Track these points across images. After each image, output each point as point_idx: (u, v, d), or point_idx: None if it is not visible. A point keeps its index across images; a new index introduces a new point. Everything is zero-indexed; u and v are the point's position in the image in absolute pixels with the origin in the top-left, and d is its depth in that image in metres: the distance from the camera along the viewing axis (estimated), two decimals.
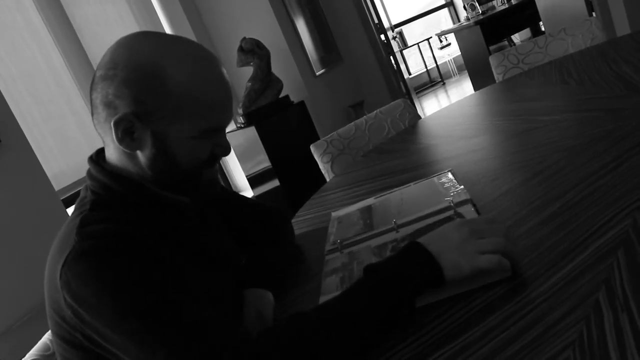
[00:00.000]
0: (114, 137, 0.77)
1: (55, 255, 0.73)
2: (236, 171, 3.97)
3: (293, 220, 1.28)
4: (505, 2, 5.88)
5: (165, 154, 0.79)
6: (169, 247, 0.78)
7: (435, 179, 1.19)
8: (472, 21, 5.32)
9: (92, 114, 0.81)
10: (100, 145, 0.88)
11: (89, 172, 0.84)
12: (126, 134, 0.77)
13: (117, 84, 0.75)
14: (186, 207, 0.86)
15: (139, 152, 0.80)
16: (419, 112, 5.11)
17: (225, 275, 0.89)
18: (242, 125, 3.34)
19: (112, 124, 0.76)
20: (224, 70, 0.81)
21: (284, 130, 3.35)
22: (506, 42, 6.73)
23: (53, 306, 0.73)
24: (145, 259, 0.71)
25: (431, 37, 7.85)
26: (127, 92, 0.75)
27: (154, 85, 0.75)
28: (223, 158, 1.00)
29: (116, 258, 0.69)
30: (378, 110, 2.01)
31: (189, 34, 3.76)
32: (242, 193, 1.16)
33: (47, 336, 0.98)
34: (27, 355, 0.95)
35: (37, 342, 0.98)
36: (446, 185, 1.12)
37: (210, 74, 0.79)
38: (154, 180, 0.82)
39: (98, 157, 0.86)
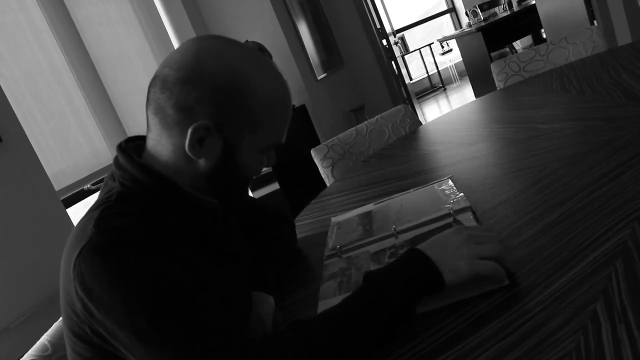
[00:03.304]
0: (187, 142, 0.76)
1: (71, 245, 0.72)
2: None
3: None
4: (507, 9, 5.90)
5: (231, 164, 0.80)
6: (189, 245, 0.77)
7: (435, 185, 1.19)
8: (473, 27, 5.33)
9: (155, 114, 0.79)
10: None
11: (116, 161, 0.81)
12: (198, 141, 0.77)
13: (202, 91, 0.75)
14: (214, 210, 0.85)
15: (201, 160, 0.79)
16: (420, 117, 5.12)
17: (239, 275, 0.88)
18: None
19: (190, 130, 0.75)
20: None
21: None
22: (507, 49, 6.75)
23: (65, 298, 0.72)
24: (161, 257, 0.70)
25: (433, 43, 7.87)
26: (212, 100, 0.75)
27: (240, 98, 0.76)
28: None
29: (131, 255, 0.68)
30: (379, 115, 2.01)
31: (192, 36, 3.77)
32: None
33: (45, 337, 0.98)
34: (25, 356, 0.95)
35: (35, 342, 0.98)
36: (446, 192, 1.12)
37: (285, 92, 0.81)
38: (200, 187, 0.81)
39: (127, 146, 0.84)
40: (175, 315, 0.66)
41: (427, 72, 8.06)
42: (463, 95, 6.69)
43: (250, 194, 3.54)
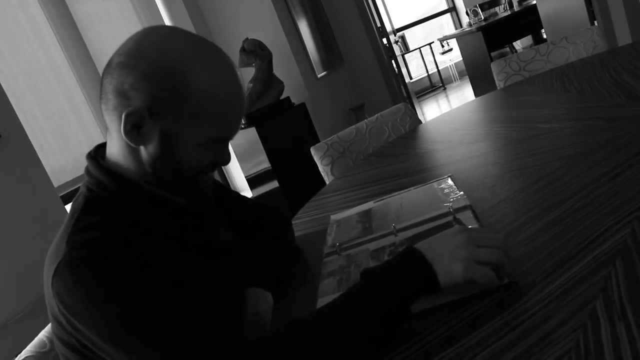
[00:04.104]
0: (122, 128, 0.75)
1: (48, 262, 0.73)
2: (235, 171, 3.97)
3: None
4: (508, 9, 5.90)
5: (169, 156, 0.78)
6: (165, 249, 0.77)
7: (434, 184, 1.19)
8: (474, 27, 5.33)
9: (101, 98, 0.79)
10: (99, 141, 0.87)
11: (86, 169, 0.83)
12: (134, 127, 0.76)
13: (137, 76, 0.74)
14: (183, 208, 0.85)
15: (142, 148, 0.78)
16: (420, 116, 5.11)
17: (227, 271, 0.87)
18: (243, 126, 3.34)
19: (123, 115, 0.74)
20: (243, 83, 0.81)
21: (284, 131, 3.35)
22: (507, 49, 6.75)
23: (51, 310, 0.73)
24: (136, 267, 0.69)
25: (433, 42, 7.86)
26: (146, 86, 0.74)
27: (175, 86, 0.74)
28: None
29: (106, 269, 0.68)
30: (379, 114, 2.01)
31: None
32: (241, 194, 1.16)
33: (43, 333, 0.98)
34: (23, 352, 0.95)
35: (34, 338, 0.98)
36: (446, 190, 1.12)
37: (231, 85, 0.78)
38: (151, 178, 0.81)
39: (96, 154, 0.85)
40: (156, 321, 0.66)
41: (427, 71, 8.06)
42: (463, 95, 6.69)
43: (250, 193, 3.54)
